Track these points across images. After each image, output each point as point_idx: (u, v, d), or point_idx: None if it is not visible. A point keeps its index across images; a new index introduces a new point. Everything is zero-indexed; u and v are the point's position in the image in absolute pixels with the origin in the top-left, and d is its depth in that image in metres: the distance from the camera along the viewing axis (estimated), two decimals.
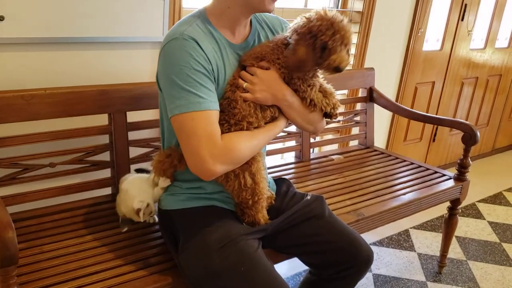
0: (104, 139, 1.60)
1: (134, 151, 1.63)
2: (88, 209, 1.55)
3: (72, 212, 1.52)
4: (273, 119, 1.24)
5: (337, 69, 1.13)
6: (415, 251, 2.44)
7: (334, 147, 2.53)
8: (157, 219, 1.49)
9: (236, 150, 1.12)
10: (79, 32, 1.54)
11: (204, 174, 1.10)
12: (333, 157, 2.22)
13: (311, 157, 2.19)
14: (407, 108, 2.29)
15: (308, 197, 1.40)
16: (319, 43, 1.10)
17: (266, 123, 1.22)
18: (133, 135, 1.62)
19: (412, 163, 2.25)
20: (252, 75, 1.18)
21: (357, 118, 2.39)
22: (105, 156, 1.59)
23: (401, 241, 2.52)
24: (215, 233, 1.19)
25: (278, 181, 1.52)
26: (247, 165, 1.21)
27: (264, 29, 1.31)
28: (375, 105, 2.40)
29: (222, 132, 1.14)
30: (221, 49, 1.18)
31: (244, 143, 1.14)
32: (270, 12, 1.23)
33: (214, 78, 1.15)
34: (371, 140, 2.43)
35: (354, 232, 1.40)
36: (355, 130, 2.53)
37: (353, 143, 2.52)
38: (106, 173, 1.62)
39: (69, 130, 1.49)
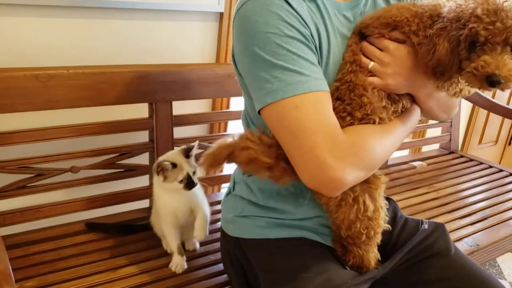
0: (143, 136, 1.30)
1: None
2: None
3: (99, 233, 1.20)
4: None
5: (490, 80, 0.70)
6: (505, 279, 2.03)
7: (405, 152, 2.13)
8: (198, 246, 1.20)
9: (367, 148, 0.77)
10: None
11: (330, 185, 0.76)
12: (415, 164, 1.83)
13: (388, 163, 1.80)
14: (506, 106, 1.88)
15: (426, 226, 1.04)
16: (467, 33, 0.70)
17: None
18: (179, 132, 1.32)
19: None
20: (382, 50, 0.80)
21: None
22: (143, 159, 1.31)
23: (486, 266, 2.11)
24: (313, 283, 0.84)
25: None
26: (367, 184, 0.83)
27: None
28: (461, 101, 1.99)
29: (342, 127, 0.79)
30: (321, 9, 0.83)
31: (376, 140, 0.79)
32: None
33: (316, 48, 0.80)
34: (456, 144, 2.03)
35: (490, 276, 1.02)
36: (432, 132, 2.11)
37: (427, 148, 2.11)
38: (144, 180, 1.33)
39: (97, 124, 1.21)
